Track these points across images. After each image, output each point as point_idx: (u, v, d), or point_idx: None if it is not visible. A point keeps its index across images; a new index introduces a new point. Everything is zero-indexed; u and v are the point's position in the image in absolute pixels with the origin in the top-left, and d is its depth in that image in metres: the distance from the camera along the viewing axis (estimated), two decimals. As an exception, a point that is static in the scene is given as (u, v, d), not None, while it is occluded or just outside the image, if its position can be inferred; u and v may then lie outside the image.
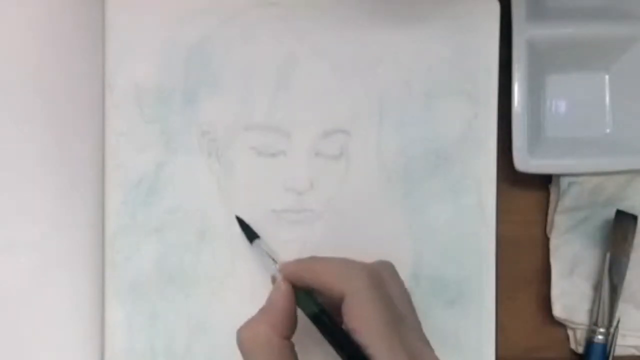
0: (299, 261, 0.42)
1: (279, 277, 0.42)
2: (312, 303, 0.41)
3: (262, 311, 0.41)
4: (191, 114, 0.48)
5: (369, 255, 0.46)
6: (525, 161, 0.49)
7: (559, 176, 0.52)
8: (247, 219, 0.48)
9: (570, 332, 0.52)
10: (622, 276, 0.50)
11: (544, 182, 0.52)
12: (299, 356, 0.40)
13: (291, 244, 0.48)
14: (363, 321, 0.38)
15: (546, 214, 0.52)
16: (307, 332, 0.41)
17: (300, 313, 0.41)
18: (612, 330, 0.50)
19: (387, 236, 0.49)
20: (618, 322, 0.50)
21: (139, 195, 0.48)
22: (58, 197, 0.48)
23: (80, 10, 0.48)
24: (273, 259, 0.44)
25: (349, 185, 0.49)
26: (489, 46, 0.49)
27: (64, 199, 0.48)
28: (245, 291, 0.48)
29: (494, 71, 0.49)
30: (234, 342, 0.48)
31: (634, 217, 0.50)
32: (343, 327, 0.39)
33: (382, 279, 0.40)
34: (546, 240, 0.52)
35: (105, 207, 0.47)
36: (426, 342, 0.40)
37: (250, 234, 0.47)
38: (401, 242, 0.49)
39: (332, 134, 0.48)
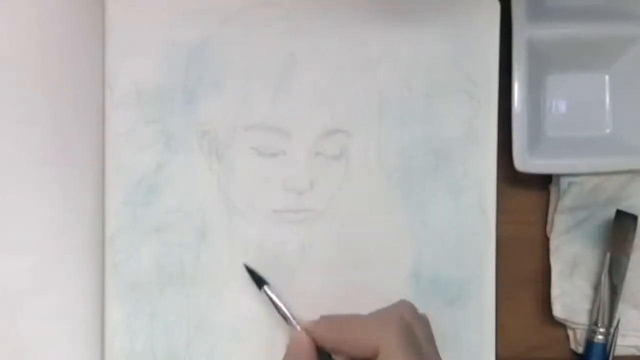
0: (326, 321, 0.43)
1: (301, 333, 0.43)
2: None
3: None
4: (191, 114, 0.48)
5: (369, 254, 0.47)
6: (525, 161, 0.49)
7: (559, 176, 0.52)
8: (247, 219, 0.48)
9: (570, 332, 0.52)
10: (622, 276, 0.50)
11: (544, 182, 0.52)
12: None
13: (291, 244, 0.48)
14: None
15: (546, 214, 0.52)
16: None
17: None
18: (612, 330, 0.50)
19: (387, 236, 0.49)
20: (618, 322, 0.50)
21: (139, 195, 0.48)
22: (58, 197, 0.48)
23: (80, 10, 0.48)
24: (284, 311, 0.45)
25: (349, 185, 0.49)
26: (489, 46, 0.49)
27: (64, 199, 0.48)
28: (245, 291, 0.48)
29: (494, 71, 0.49)
30: (233, 342, 0.48)
31: (634, 217, 0.50)
32: None
33: (413, 328, 0.41)
34: (546, 240, 0.52)
35: (105, 207, 0.47)
36: None
37: (258, 281, 0.47)
38: (401, 242, 0.49)
39: (332, 134, 0.48)
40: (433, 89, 0.49)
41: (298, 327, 0.44)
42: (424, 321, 0.43)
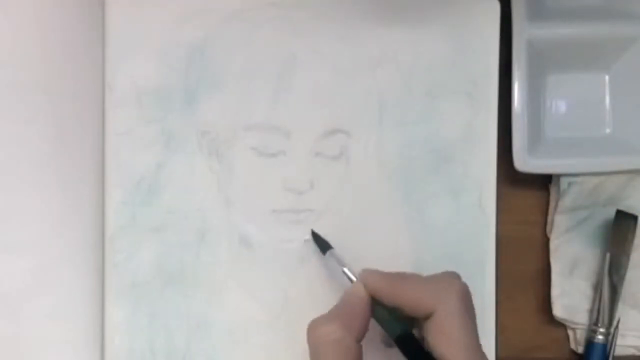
0: (384, 275, 0.42)
1: (358, 283, 0.42)
2: (397, 324, 0.41)
3: (337, 312, 0.41)
4: (191, 114, 0.48)
5: (369, 255, 0.47)
6: (525, 161, 0.49)
7: (559, 176, 0.52)
8: (247, 219, 0.48)
9: (570, 332, 0.52)
10: (622, 276, 0.50)
11: (544, 182, 0.52)
12: None
13: (291, 244, 0.48)
14: (453, 338, 0.39)
15: (546, 214, 0.52)
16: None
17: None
18: (612, 330, 0.50)
19: (387, 236, 0.49)
20: (618, 322, 0.50)
21: (139, 195, 0.48)
22: (58, 197, 0.48)
23: (80, 10, 0.48)
24: (348, 270, 0.44)
25: (349, 185, 0.49)
26: (489, 46, 0.49)
27: (64, 199, 0.48)
28: (245, 291, 0.48)
29: (494, 71, 0.49)
30: (233, 342, 0.48)
31: (634, 217, 0.50)
32: (425, 342, 0.40)
33: (470, 298, 0.41)
34: (546, 240, 0.52)
35: (105, 207, 0.47)
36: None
37: (324, 246, 0.47)
38: (401, 242, 0.49)
39: (332, 134, 0.48)
40: (433, 89, 0.49)
41: (354, 279, 0.43)
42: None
